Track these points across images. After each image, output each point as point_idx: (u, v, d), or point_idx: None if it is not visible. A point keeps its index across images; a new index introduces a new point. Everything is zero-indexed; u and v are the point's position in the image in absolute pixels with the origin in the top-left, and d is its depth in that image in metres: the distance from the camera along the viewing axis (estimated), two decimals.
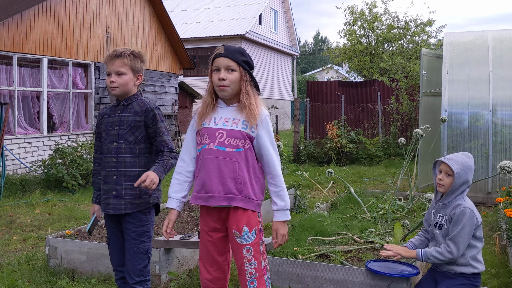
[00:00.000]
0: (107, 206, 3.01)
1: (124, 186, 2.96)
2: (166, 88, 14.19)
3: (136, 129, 2.97)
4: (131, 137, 2.97)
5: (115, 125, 3.00)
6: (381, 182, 9.66)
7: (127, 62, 2.95)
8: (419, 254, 2.96)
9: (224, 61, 2.59)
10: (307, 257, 4.21)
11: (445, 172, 2.94)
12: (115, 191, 2.97)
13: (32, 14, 9.71)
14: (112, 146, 2.99)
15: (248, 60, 2.65)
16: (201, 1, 27.57)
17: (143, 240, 2.99)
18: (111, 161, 2.99)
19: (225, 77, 2.58)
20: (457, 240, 2.81)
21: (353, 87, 15.50)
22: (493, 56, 7.90)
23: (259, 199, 2.68)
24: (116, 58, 2.94)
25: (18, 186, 8.41)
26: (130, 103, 3.01)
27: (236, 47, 2.67)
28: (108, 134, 3.02)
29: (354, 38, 23.40)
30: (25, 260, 4.73)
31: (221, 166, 2.58)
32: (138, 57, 3.02)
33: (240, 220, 2.61)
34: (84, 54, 11.09)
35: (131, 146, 2.97)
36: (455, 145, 7.57)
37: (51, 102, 10.47)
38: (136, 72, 3.00)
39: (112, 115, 3.05)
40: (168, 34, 14.03)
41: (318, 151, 13.18)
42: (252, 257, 2.61)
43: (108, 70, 2.98)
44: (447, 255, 2.82)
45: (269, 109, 5.07)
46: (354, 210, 6.33)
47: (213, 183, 2.60)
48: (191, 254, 4.43)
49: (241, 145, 2.60)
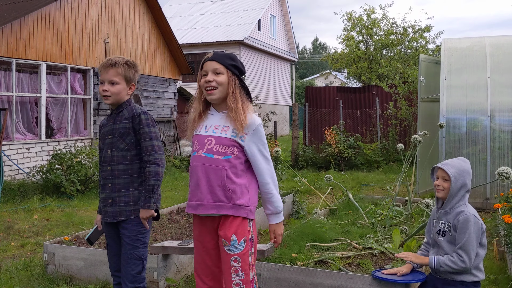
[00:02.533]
0: (105, 214, 3.06)
1: (118, 194, 3.00)
2: (164, 94, 14.20)
3: (126, 136, 3.00)
4: (122, 144, 3.00)
5: (109, 134, 3.05)
6: (380, 188, 9.66)
7: (121, 71, 2.99)
8: (432, 261, 2.91)
9: (212, 64, 2.60)
10: (306, 263, 4.20)
11: (441, 177, 2.95)
12: (111, 199, 3.02)
13: (31, 20, 9.72)
14: (107, 155, 3.04)
15: (237, 64, 2.63)
16: (200, 7, 27.64)
17: (137, 246, 2.99)
18: (106, 170, 3.04)
19: (211, 79, 2.58)
20: (467, 248, 2.79)
21: (352, 93, 15.53)
22: (491, 62, 7.93)
23: (252, 205, 2.62)
24: (111, 67, 2.98)
25: (16, 191, 8.39)
26: (121, 111, 3.05)
27: (226, 53, 2.67)
28: (104, 143, 3.08)
29: (353, 43, 23.46)
30: (23, 267, 4.72)
31: (209, 174, 2.56)
32: (132, 67, 3.05)
33: (229, 228, 2.56)
34: (82, 59, 11.10)
35: (123, 153, 3.00)
36: (453, 151, 7.58)
37: (50, 108, 10.47)
38: (129, 81, 3.04)
39: (106, 124, 3.10)
40: (166, 40, 14.06)
41: (316, 156, 13.19)
42: (239, 268, 2.55)
43: (102, 78, 3.02)
44: (461, 264, 2.79)
45: (267, 115, 5.11)
46: (353, 216, 6.33)
47: (202, 191, 2.58)
48: (189, 260, 4.42)
49: (230, 152, 2.57)
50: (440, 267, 2.87)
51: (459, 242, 2.83)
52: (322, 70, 49.36)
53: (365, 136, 14.33)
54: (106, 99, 3.01)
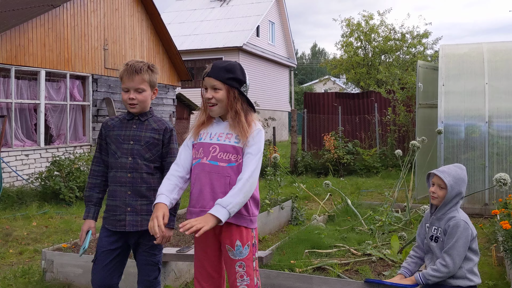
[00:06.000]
0: (118, 222, 2.90)
1: (140, 202, 2.90)
2: (164, 100, 14.22)
3: (153, 147, 2.94)
4: (148, 154, 2.93)
5: (130, 139, 2.93)
6: (379, 194, 9.66)
7: (146, 78, 2.89)
8: (418, 279, 2.93)
9: (209, 81, 2.60)
10: (304, 270, 4.20)
11: (437, 184, 2.95)
12: (130, 207, 2.90)
13: (30, 27, 9.75)
14: (127, 161, 2.91)
15: (235, 76, 2.60)
16: (199, 13, 27.74)
17: (155, 252, 2.97)
18: (125, 176, 2.90)
19: (210, 96, 2.59)
20: (451, 252, 2.81)
21: (350, 99, 15.56)
22: (488, 68, 7.96)
23: (253, 215, 2.64)
24: (136, 74, 2.86)
25: (15, 198, 8.38)
26: (147, 119, 2.98)
27: (224, 64, 2.62)
28: (119, 147, 2.93)
29: (351, 49, 23.54)
30: (21, 274, 4.71)
31: (213, 181, 2.57)
32: (155, 71, 2.97)
33: (234, 235, 2.59)
34: (81, 66, 11.12)
35: (147, 163, 2.92)
36: (451, 157, 7.59)
37: (49, 114, 10.48)
38: (153, 87, 2.97)
39: (124, 128, 2.96)
40: (166, 46, 14.10)
41: (315, 162, 13.19)
42: (244, 273, 2.59)
43: (126, 86, 2.89)
44: (443, 269, 2.81)
45: (266, 121, 5.06)
46: (351, 222, 6.33)
47: (205, 198, 2.59)
48: (187, 267, 4.42)
49: (234, 159, 2.58)
50: (428, 280, 2.88)
51: (446, 246, 2.84)
52: (321, 76, 49.45)
53: (364, 142, 14.35)
54: (133, 107, 2.90)
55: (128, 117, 3.00)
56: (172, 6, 29.67)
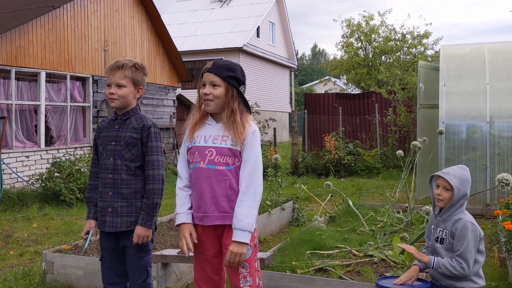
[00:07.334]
0: (103, 223, 2.95)
1: (120, 203, 2.91)
2: (164, 101, 14.21)
3: (133, 146, 2.93)
4: (128, 154, 2.93)
5: (112, 140, 2.95)
6: (380, 194, 9.64)
7: (128, 74, 2.91)
8: (431, 261, 2.88)
9: (209, 77, 2.61)
10: (306, 271, 4.19)
11: (443, 187, 2.93)
12: (111, 208, 2.92)
13: (30, 28, 9.74)
14: (109, 162, 2.93)
15: (235, 75, 2.62)
16: (199, 14, 27.73)
17: (142, 255, 2.96)
18: (107, 177, 2.94)
19: (208, 91, 2.60)
20: (466, 256, 2.78)
21: (351, 99, 15.54)
22: (489, 68, 7.94)
23: None
24: (118, 69, 2.90)
25: (15, 200, 8.37)
26: (128, 118, 2.97)
27: (225, 62, 2.65)
28: (105, 149, 2.97)
29: (351, 50, 23.52)
30: (22, 276, 4.69)
31: (213, 185, 2.57)
32: (140, 69, 2.97)
33: None
34: (82, 67, 11.11)
35: (127, 163, 2.92)
36: (453, 157, 7.57)
37: (49, 116, 10.46)
38: (137, 84, 2.96)
39: (109, 129, 2.99)
40: (166, 47, 14.09)
41: (316, 163, 13.18)
42: (247, 274, 2.59)
43: (109, 81, 2.93)
44: (460, 270, 2.78)
45: (266, 121, 5.04)
46: (353, 223, 6.32)
47: (206, 203, 2.59)
48: (188, 269, 4.40)
49: (231, 162, 2.59)
50: (439, 267, 2.84)
51: (458, 249, 2.82)
52: (321, 77, 49.45)
53: (365, 142, 14.33)
54: (113, 102, 2.92)
55: (113, 117, 3.03)
56: (172, 7, 29.67)
